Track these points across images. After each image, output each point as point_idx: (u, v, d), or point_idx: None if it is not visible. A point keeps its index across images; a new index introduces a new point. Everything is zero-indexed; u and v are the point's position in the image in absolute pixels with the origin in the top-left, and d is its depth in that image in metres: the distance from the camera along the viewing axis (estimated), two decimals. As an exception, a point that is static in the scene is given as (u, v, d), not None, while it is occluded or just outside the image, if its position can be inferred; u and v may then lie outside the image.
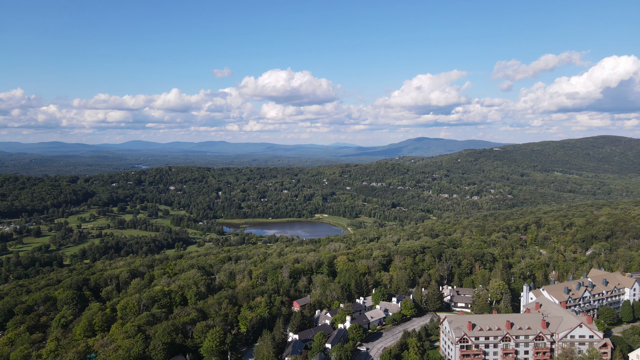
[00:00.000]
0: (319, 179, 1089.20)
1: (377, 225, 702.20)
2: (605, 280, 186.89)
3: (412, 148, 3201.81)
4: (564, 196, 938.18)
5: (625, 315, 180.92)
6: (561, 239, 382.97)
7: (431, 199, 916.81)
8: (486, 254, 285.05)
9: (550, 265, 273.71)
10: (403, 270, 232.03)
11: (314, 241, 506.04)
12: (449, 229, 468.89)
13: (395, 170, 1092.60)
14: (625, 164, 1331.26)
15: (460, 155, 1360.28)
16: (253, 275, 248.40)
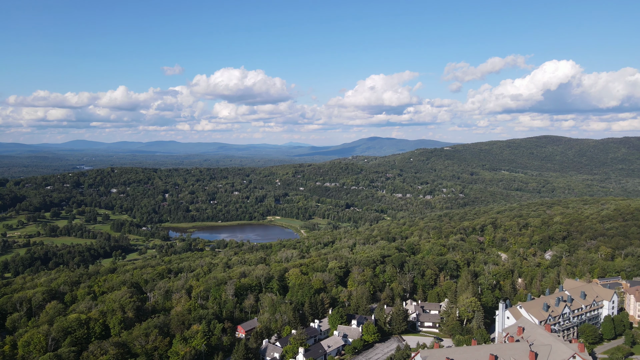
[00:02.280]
0: (271, 179, 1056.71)
1: (331, 227, 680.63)
2: (583, 293, 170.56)
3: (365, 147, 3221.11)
4: (512, 194, 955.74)
5: (606, 332, 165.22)
6: (518, 240, 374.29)
7: (385, 199, 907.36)
8: (449, 261, 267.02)
9: (515, 272, 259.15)
10: (363, 285, 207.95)
11: (266, 247, 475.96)
12: (405, 232, 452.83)
13: (348, 170, 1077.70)
14: (565, 162, 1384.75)
15: (413, 155, 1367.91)
16: (193, 293, 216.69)
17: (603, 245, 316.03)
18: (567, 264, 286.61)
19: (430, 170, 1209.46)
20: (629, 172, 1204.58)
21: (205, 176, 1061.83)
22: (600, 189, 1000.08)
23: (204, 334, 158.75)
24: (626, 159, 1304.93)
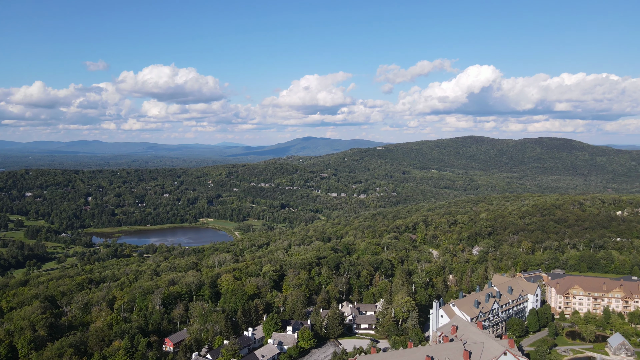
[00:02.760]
0: (204, 180, 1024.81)
1: (266, 229, 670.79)
2: (510, 288, 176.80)
3: (300, 147, 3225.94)
4: (441, 192, 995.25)
5: (531, 325, 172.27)
6: (448, 237, 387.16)
7: (320, 199, 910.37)
8: (384, 261, 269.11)
9: (446, 269, 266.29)
10: (298, 289, 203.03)
11: (198, 250, 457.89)
12: (340, 231, 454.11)
13: (283, 170, 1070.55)
14: (488, 161, 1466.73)
15: (347, 155, 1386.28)
16: (116, 305, 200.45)
17: (524, 239, 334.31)
18: (493, 259, 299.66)
19: (364, 169, 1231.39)
20: (543, 170, 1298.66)
21: (133, 178, 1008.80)
22: (519, 186, 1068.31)
23: (126, 350, 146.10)
24: (541, 158, 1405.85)
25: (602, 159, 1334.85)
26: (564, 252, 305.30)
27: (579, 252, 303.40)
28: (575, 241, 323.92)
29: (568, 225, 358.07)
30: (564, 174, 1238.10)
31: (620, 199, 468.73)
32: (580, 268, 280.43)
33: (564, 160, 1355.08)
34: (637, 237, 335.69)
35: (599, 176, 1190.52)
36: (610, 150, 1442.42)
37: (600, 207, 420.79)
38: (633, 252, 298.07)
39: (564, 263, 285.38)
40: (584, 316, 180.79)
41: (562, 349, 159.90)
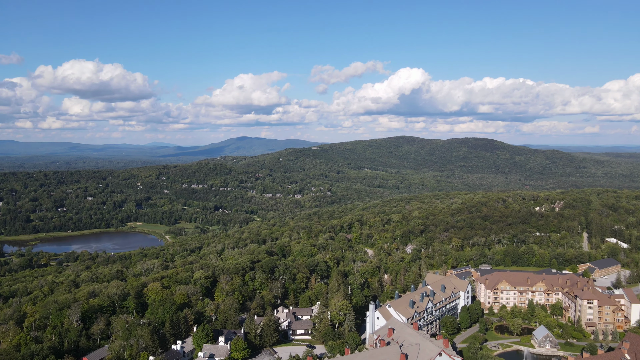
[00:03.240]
0: (132, 182, 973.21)
1: (199, 232, 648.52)
2: (443, 286, 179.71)
3: (235, 147, 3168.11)
4: (374, 191, 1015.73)
5: (463, 322, 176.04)
6: (383, 236, 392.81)
7: (255, 200, 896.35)
8: (320, 262, 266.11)
9: (381, 268, 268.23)
10: (231, 296, 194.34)
11: (124, 257, 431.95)
12: (275, 233, 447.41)
13: (217, 171, 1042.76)
14: (419, 160, 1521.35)
15: (282, 155, 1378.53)
16: (26, 322, 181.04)
17: (454, 236, 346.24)
18: (426, 257, 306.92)
19: (299, 169, 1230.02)
20: (469, 169, 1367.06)
21: (52, 180, 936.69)
22: (447, 184, 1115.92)
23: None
24: (466, 157, 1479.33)
25: (520, 158, 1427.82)
26: (490, 248, 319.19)
27: (503, 247, 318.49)
28: (500, 237, 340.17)
29: (493, 222, 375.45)
30: (488, 172, 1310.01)
31: (538, 195, 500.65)
32: (505, 262, 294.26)
33: (487, 159, 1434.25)
34: (554, 231, 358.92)
35: (518, 174, 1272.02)
36: (527, 150, 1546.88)
37: (521, 203, 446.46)
38: (551, 246, 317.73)
39: (491, 258, 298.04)
40: (511, 310, 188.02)
41: (492, 344, 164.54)
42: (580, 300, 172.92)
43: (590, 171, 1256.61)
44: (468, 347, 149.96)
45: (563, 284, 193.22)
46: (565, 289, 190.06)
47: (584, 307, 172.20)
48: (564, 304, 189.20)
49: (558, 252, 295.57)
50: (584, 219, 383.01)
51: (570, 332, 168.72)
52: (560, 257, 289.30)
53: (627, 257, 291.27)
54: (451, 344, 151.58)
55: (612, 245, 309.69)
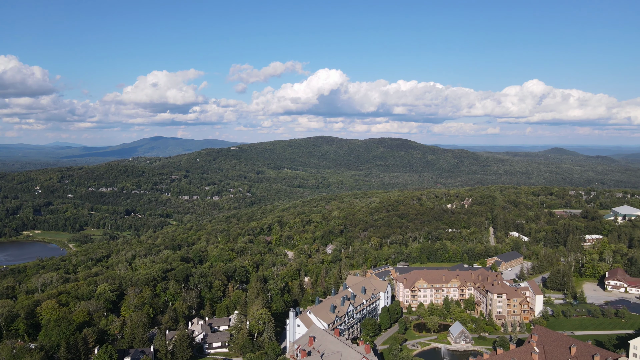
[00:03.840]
0: (29, 186, 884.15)
1: (108, 238, 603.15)
2: (363, 288, 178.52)
3: (149, 148, 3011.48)
4: (295, 191, 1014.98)
5: (384, 323, 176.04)
6: (303, 237, 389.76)
7: (170, 203, 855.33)
8: (238, 268, 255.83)
9: (302, 271, 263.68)
10: (140, 310, 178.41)
11: (18, 270, 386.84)
12: (192, 237, 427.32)
13: (129, 173, 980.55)
14: (338, 160, 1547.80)
15: (199, 155, 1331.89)
16: None
17: (373, 235, 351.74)
18: (346, 257, 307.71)
19: (217, 170, 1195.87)
20: (385, 168, 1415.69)
21: None
22: (365, 183, 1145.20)
23: None
24: (383, 157, 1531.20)
25: (432, 157, 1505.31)
26: (407, 246, 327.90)
27: (419, 244, 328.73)
28: (416, 234, 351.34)
29: (410, 220, 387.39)
30: (403, 171, 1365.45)
31: (449, 193, 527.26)
32: (421, 259, 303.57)
33: (402, 159, 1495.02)
34: (464, 227, 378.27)
35: (431, 172, 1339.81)
36: (438, 150, 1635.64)
37: (435, 201, 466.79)
38: (462, 241, 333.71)
39: (408, 256, 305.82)
40: (428, 308, 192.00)
41: (411, 343, 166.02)
42: (491, 294, 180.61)
43: (493, 169, 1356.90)
44: (389, 349, 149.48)
45: (475, 279, 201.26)
46: (477, 284, 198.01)
47: (494, 301, 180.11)
48: (476, 298, 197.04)
49: (468, 247, 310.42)
50: (490, 215, 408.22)
51: (482, 326, 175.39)
52: (470, 252, 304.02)
53: (528, 249, 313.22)
54: (372, 347, 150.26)
55: (515, 239, 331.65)
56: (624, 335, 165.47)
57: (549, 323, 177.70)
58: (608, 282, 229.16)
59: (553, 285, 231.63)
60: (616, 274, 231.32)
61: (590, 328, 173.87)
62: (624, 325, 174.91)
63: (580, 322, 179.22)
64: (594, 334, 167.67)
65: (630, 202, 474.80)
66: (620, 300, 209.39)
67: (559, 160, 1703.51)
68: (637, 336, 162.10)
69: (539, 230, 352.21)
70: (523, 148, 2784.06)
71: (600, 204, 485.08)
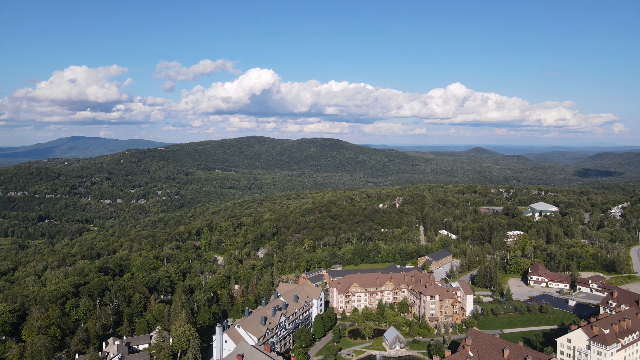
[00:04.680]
0: None
1: (17, 248, 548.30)
2: (296, 296, 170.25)
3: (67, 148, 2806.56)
4: (226, 193, 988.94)
5: (317, 332, 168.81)
6: (234, 241, 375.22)
7: (91, 207, 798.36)
8: (162, 278, 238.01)
9: (232, 279, 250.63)
10: (44, 333, 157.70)
11: None
12: (113, 244, 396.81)
13: (42, 175, 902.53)
14: (270, 160, 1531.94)
15: (124, 156, 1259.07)
16: None
17: (306, 238, 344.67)
18: (278, 261, 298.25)
19: (143, 172, 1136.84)
20: (318, 168, 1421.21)
21: None
22: (298, 183, 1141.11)
23: None
24: (316, 157, 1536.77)
25: (363, 156, 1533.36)
26: (340, 247, 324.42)
27: (352, 245, 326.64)
28: (349, 235, 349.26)
29: (342, 220, 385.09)
30: (335, 171, 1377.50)
31: (380, 192, 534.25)
32: (355, 261, 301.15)
33: (335, 158, 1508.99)
34: (396, 226, 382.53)
35: (362, 172, 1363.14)
36: (369, 150, 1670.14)
37: (367, 201, 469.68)
38: (394, 241, 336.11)
39: (341, 258, 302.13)
40: (363, 313, 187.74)
41: (346, 352, 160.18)
42: (424, 296, 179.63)
43: (421, 168, 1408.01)
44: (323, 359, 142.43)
45: (408, 281, 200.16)
46: (410, 286, 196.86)
47: (427, 303, 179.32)
48: (410, 300, 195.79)
49: (401, 247, 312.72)
50: (420, 214, 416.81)
51: (416, 329, 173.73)
52: (402, 251, 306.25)
53: (456, 247, 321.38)
54: (306, 359, 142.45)
55: (444, 237, 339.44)
56: (549, 331, 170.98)
57: (480, 322, 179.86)
58: (531, 277, 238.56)
59: (481, 282, 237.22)
60: (537, 270, 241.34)
61: (518, 325, 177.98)
62: (548, 321, 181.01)
63: (508, 320, 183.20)
64: (522, 331, 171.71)
65: (544, 198, 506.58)
66: (542, 295, 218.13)
67: (480, 159, 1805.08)
68: (562, 332, 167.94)
69: (466, 228, 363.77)
70: (448, 148, 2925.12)
71: (519, 201, 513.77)
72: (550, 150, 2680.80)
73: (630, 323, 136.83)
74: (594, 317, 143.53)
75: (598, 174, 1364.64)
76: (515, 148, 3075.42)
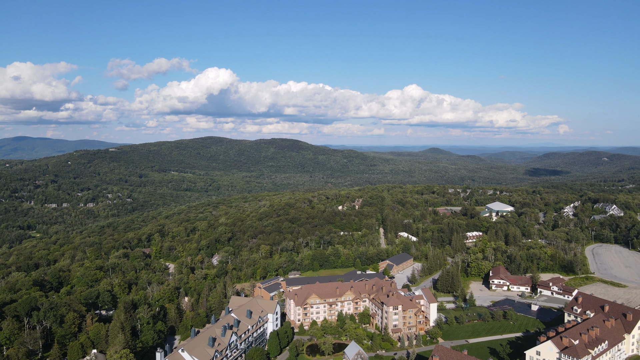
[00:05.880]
0: None
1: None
2: (249, 311, 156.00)
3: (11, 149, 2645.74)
4: (182, 195, 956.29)
5: (273, 350, 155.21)
6: (187, 247, 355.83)
7: (34, 212, 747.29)
8: (102, 293, 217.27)
9: (181, 290, 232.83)
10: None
11: None
12: (54, 253, 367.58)
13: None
14: (228, 161, 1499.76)
15: (72, 157, 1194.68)
16: None
17: (263, 243, 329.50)
18: (233, 269, 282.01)
19: (93, 174, 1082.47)
20: (277, 169, 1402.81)
21: None
22: (257, 185, 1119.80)
23: None
24: (274, 157, 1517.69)
25: (322, 157, 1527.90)
26: (299, 252, 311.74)
27: (311, 250, 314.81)
28: (308, 239, 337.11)
29: (301, 224, 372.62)
30: (294, 172, 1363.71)
31: (339, 194, 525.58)
32: (314, 267, 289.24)
33: (294, 159, 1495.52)
34: (356, 229, 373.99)
35: (321, 172, 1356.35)
36: (328, 150, 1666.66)
37: (326, 203, 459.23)
38: (354, 245, 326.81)
39: (300, 264, 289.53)
40: (322, 326, 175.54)
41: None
42: (387, 307, 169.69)
43: (380, 168, 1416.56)
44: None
45: (369, 289, 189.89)
46: (371, 295, 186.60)
47: (390, 314, 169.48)
48: (371, 311, 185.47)
49: (361, 251, 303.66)
50: (380, 215, 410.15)
51: (379, 342, 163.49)
52: (363, 256, 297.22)
53: (417, 250, 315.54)
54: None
55: (404, 240, 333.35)
56: (514, 339, 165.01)
57: (444, 332, 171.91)
58: (492, 281, 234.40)
59: (443, 287, 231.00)
60: (499, 273, 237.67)
61: (482, 334, 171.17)
62: (513, 328, 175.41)
63: (473, 329, 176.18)
64: (487, 341, 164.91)
65: (500, 198, 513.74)
66: (505, 300, 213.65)
67: (436, 159, 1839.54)
68: (527, 340, 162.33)
69: (426, 229, 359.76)
70: (405, 148, 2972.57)
71: (476, 201, 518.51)
72: (502, 151, 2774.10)
73: (598, 332, 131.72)
74: (562, 326, 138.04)
75: (547, 173, 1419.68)
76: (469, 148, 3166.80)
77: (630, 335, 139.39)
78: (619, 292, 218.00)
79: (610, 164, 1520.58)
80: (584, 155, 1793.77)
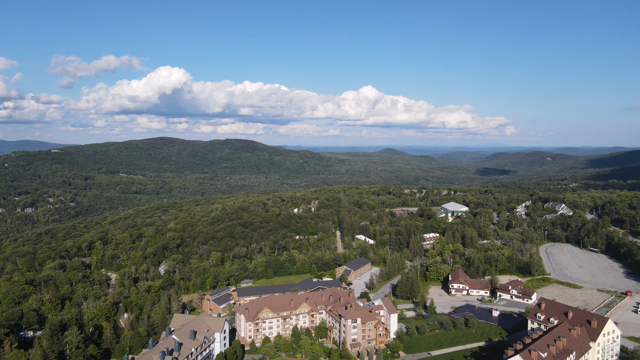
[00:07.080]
0: None
1: None
2: (193, 331, 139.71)
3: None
4: (130, 198, 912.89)
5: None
6: (131, 255, 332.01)
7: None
8: (27, 313, 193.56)
9: (121, 306, 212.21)
10: None
11: None
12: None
13: None
14: (181, 163, 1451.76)
15: (9, 159, 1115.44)
16: None
17: (214, 249, 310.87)
18: (180, 279, 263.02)
19: (33, 177, 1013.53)
20: (231, 170, 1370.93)
21: None
22: (210, 187, 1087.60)
23: None
24: (229, 158, 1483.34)
25: (278, 158, 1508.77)
26: (252, 259, 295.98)
27: (265, 256, 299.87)
28: (262, 245, 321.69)
29: (254, 229, 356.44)
30: (249, 173, 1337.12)
31: (295, 195, 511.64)
32: (268, 274, 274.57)
33: (249, 160, 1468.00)
34: (312, 233, 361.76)
35: (277, 173, 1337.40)
36: (284, 151, 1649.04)
37: (281, 205, 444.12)
38: (310, 250, 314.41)
39: (253, 272, 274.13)
40: (275, 342, 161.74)
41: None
42: (345, 320, 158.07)
43: (336, 169, 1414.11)
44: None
45: (326, 300, 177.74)
46: (329, 306, 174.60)
47: (349, 327, 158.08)
48: (328, 323, 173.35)
49: (317, 256, 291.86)
50: (337, 218, 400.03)
51: (336, 359, 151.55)
52: (319, 261, 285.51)
53: (375, 254, 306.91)
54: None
55: (361, 243, 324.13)
56: (477, 349, 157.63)
57: (405, 344, 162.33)
58: (452, 285, 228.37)
59: (402, 294, 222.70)
60: (458, 276, 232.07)
61: (445, 345, 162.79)
62: (475, 337, 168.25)
63: (435, 339, 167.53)
64: (451, 352, 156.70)
65: (455, 198, 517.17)
66: (466, 305, 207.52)
67: (391, 159, 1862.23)
68: (490, 349, 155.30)
69: (383, 232, 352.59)
70: (361, 148, 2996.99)
71: (431, 202, 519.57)
72: (453, 151, 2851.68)
73: (565, 342, 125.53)
74: (527, 337, 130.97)
75: (496, 172, 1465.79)
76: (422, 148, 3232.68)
77: (596, 343, 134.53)
78: (576, 294, 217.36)
79: (553, 164, 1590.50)
80: (530, 155, 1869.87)
